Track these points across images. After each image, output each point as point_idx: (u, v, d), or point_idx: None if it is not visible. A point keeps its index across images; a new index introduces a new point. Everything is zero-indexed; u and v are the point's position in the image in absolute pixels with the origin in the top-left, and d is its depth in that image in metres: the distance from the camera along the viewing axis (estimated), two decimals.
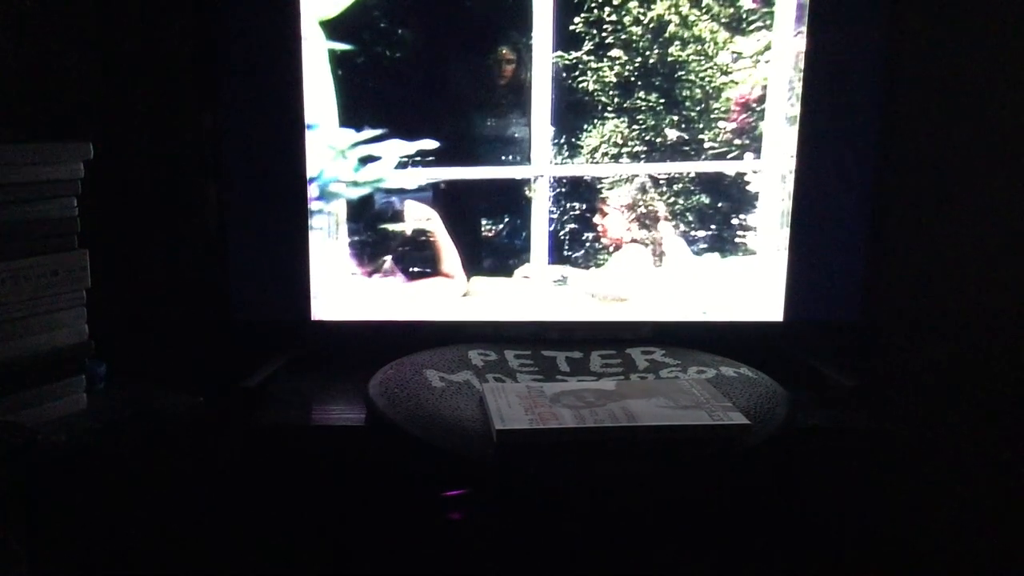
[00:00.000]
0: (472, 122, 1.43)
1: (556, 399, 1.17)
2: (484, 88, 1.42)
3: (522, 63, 1.40)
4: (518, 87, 1.41)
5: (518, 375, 1.32)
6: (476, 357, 1.37)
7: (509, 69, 1.40)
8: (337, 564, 1.24)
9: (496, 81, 1.41)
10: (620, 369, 1.35)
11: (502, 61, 1.40)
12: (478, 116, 1.43)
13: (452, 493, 1.22)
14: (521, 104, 1.42)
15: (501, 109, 1.42)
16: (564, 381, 1.29)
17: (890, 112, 1.39)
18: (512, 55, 1.40)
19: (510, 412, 1.12)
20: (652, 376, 1.32)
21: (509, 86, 1.41)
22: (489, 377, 1.29)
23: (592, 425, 1.10)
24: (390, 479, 1.22)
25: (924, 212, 1.45)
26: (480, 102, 1.42)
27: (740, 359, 1.38)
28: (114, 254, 1.38)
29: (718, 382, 1.27)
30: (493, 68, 1.41)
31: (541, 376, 1.32)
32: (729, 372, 1.33)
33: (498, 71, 1.41)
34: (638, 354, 1.40)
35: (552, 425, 1.10)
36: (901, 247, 1.45)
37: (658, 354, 1.40)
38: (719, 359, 1.38)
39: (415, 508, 1.22)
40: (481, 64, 1.40)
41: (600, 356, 1.40)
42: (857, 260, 1.42)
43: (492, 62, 1.40)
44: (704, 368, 1.34)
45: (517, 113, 1.42)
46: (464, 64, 1.42)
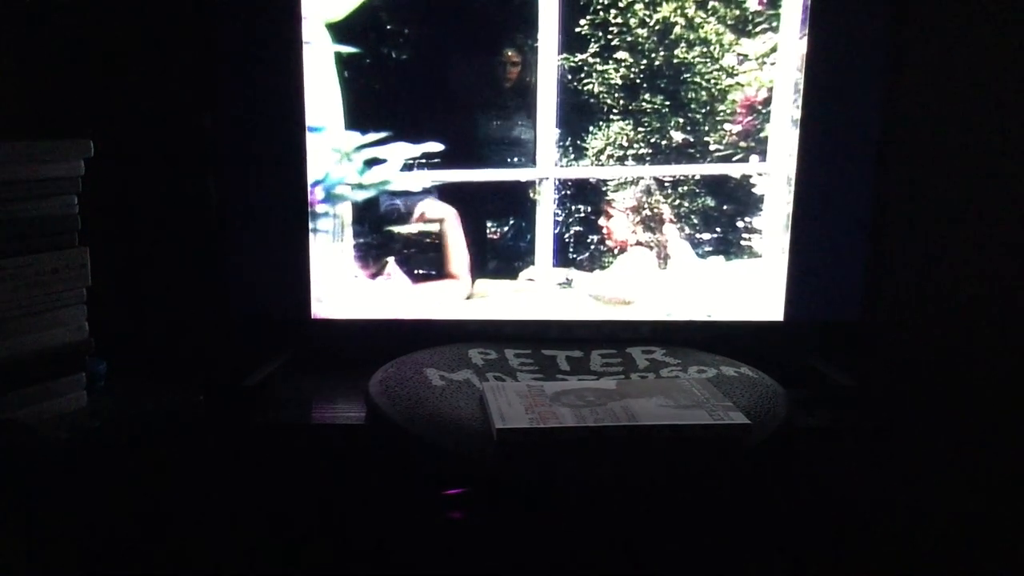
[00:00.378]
0: (477, 124, 1.43)
1: (556, 398, 1.17)
2: (489, 90, 1.42)
3: (527, 65, 1.40)
4: (523, 89, 1.41)
5: (518, 374, 1.32)
6: (476, 356, 1.37)
7: (514, 71, 1.40)
8: (337, 563, 1.24)
9: (501, 83, 1.41)
10: (620, 368, 1.35)
11: (507, 63, 1.40)
12: (483, 118, 1.43)
13: (452, 492, 1.22)
14: (526, 106, 1.42)
15: (506, 111, 1.42)
16: (564, 380, 1.29)
17: (890, 113, 1.39)
18: (517, 57, 1.40)
19: (510, 411, 1.12)
20: (652, 375, 1.32)
21: (514, 88, 1.41)
22: (489, 376, 1.29)
23: (592, 424, 1.10)
24: (390, 478, 1.22)
25: (924, 213, 1.44)
26: (485, 104, 1.42)
27: (740, 359, 1.38)
28: (115, 252, 1.38)
29: (718, 382, 1.27)
30: (498, 70, 1.41)
31: (541, 375, 1.32)
32: (729, 371, 1.33)
33: (503, 73, 1.41)
34: (638, 353, 1.40)
35: (552, 424, 1.10)
36: (901, 247, 1.45)
37: (658, 353, 1.40)
38: (719, 358, 1.38)
39: (415, 507, 1.22)
40: (487, 66, 1.41)
41: (600, 355, 1.40)
42: (857, 260, 1.42)
43: (497, 64, 1.40)
44: (704, 367, 1.34)
45: (522, 115, 1.42)
46: (470, 66, 1.42)
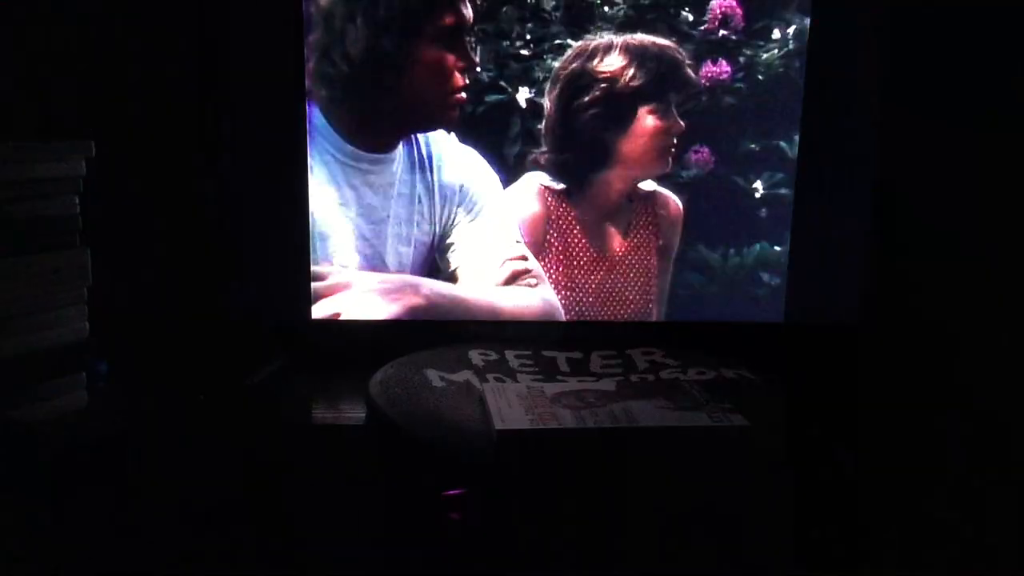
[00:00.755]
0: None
1: (556, 399, 1.17)
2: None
3: None
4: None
5: (518, 375, 1.32)
6: (476, 357, 1.37)
7: None
8: (337, 564, 1.24)
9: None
10: (620, 370, 1.35)
11: None
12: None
13: (452, 493, 1.22)
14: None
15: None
16: (564, 381, 1.29)
17: (890, 114, 1.39)
18: None
19: (510, 412, 1.12)
20: (652, 377, 1.32)
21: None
22: (489, 377, 1.29)
23: (592, 426, 1.10)
24: (390, 479, 1.22)
25: (924, 214, 1.45)
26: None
27: (740, 360, 1.38)
28: (115, 252, 1.38)
29: (718, 383, 1.27)
30: None
31: (541, 376, 1.32)
32: (729, 373, 1.33)
33: None
34: (638, 355, 1.40)
35: (552, 425, 1.10)
36: (901, 249, 1.45)
37: (658, 355, 1.40)
38: (719, 360, 1.38)
39: (415, 508, 1.22)
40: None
41: (600, 356, 1.40)
42: (857, 262, 1.42)
43: None
44: (704, 369, 1.34)
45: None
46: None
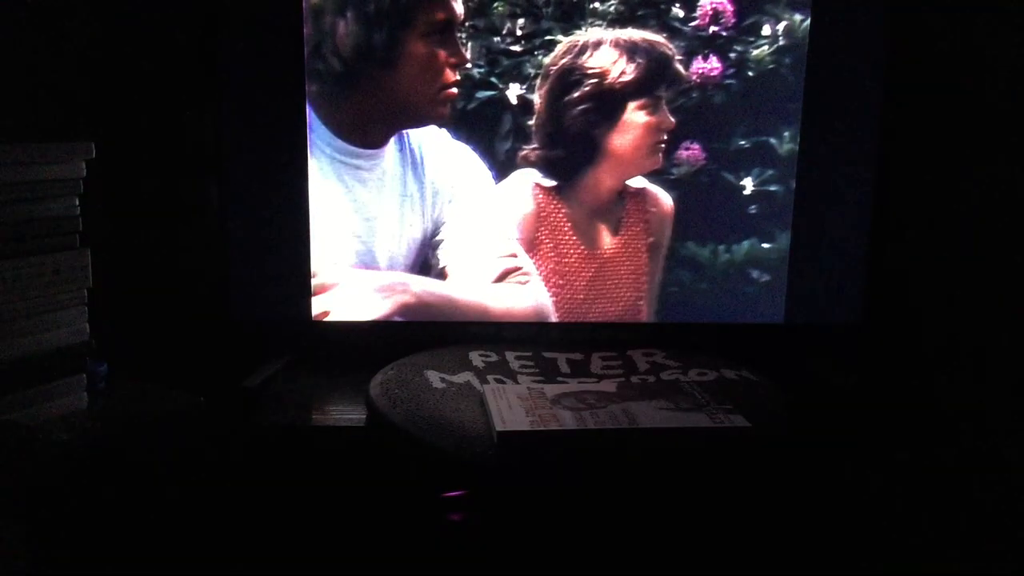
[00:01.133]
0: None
1: (557, 401, 1.17)
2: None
3: None
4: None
5: (519, 376, 1.32)
6: (477, 358, 1.36)
7: None
8: (337, 565, 1.24)
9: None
10: (621, 371, 1.35)
11: None
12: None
13: (452, 494, 1.22)
14: None
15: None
16: (565, 383, 1.29)
17: (891, 113, 1.39)
18: None
19: (511, 414, 1.12)
20: (653, 378, 1.32)
21: None
22: (490, 378, 1.29)
23: (593, 427, 1.10)
24: (390, 480, 1.22)
25: (925, 213, 1.44)
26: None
27: (741, 361, 1.38)
28: (116, 254, 1.38)
29: (719, 384, 1.27)
30: None
31: (542, 377, 1.32)
32: (730, 374, 1.33)
33: None
34: (639, 356, 1.40)
35: (553, 427, 1.10)
36: (902, 249, 1.45)
37: (659, 356, 1.40)
38: (720, 361, 1.38)
39: (415, 509, 1.22)
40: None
41: (601, 358, 1.40)
42: (858, 262, 1.42)
43: None
44: (705, 370, 1.34)
45: None
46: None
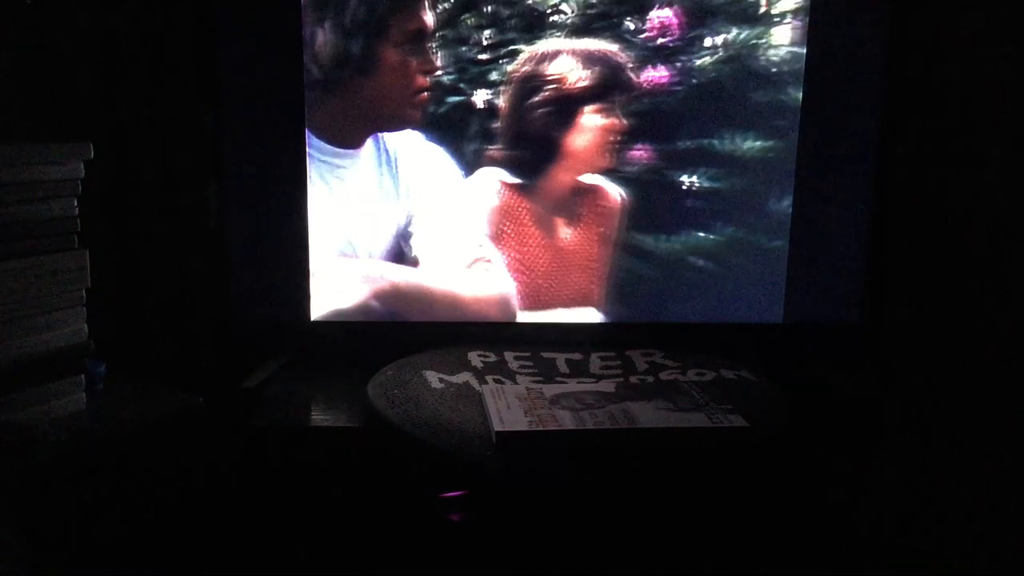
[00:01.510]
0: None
1: (555, 401, 1.17)
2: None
3: None
4: None
5: (518, 377, 1.32)
6: (476, 358, 1.36)
7: None
8: (336, 565, 1.24)
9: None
10: (620, 371, 1.35)
11: None
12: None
13: (451, 494, 1.22)
14: None
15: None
16: (564, 383, 1.29)
17: (891, 113, 1.39)
18: None
19: (509, 414, 1.12)
20: (652, 378, 1.32)
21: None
22: (489, 379, 1.29)
23: (591, 427, 1.10)
24: (389, 480, 1.22)
25: (925, 213, 1.45)
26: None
27: (740, 361, 1.38)
28: (114, 254, 1.38)
29: (717, 384, 1.27)
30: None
31: (541, 378, 1.32)
32: (729, 374, 1.33)
33: None
34: (638, 356, 1.40)
35: (551, 427, 1.10)
36: (902, 248, 1.45)
37: (658, 356, 1.40)
38: (719, 361, 1.38)
39: (414, 509, 1.22)
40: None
41: (600, 358, 1.40)
42: (858, 262, 1.42)
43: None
44: (703, 370, 1.34)
45: None
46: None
